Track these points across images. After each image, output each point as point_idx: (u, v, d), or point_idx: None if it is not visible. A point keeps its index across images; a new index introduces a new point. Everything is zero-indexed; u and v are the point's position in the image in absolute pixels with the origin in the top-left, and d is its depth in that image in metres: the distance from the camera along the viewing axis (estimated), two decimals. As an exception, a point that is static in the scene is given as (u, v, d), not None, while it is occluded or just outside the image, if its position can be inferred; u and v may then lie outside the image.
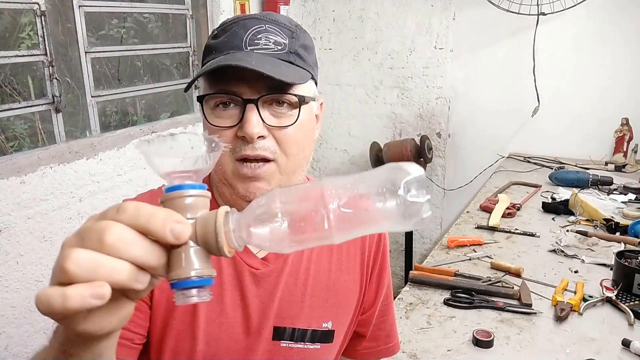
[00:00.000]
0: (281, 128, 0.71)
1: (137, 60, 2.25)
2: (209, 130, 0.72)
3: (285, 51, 0.71)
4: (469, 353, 1.07)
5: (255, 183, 0.71)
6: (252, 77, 0.68)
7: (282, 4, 2.68)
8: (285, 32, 0.73)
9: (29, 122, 1.80)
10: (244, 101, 0.69)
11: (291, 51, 0.72)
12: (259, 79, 0.68)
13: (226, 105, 0.71)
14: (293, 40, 0.73)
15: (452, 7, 2.78)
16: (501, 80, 2.74)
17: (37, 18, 1.72)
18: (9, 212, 1.58)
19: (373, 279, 0.89)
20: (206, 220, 0.43)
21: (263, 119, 0.70)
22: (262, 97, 0.70)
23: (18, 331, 1.63)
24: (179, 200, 0.43)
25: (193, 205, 0.43)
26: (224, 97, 0.71)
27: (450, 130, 2.95)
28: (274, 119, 0.71)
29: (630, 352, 1.04)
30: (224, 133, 0.71)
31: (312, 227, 0.43)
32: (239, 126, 0.70)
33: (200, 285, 0.42)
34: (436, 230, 3.13)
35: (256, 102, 0.69)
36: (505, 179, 2.29)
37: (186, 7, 2.45)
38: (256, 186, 0.71)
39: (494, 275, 1.38)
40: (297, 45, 0.73)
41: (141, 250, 0.39)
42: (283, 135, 0.72)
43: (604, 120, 2.52)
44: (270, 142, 0.71)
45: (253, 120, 0.68)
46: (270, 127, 0.71)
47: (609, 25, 2.47)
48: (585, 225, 1.74)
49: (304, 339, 0.80)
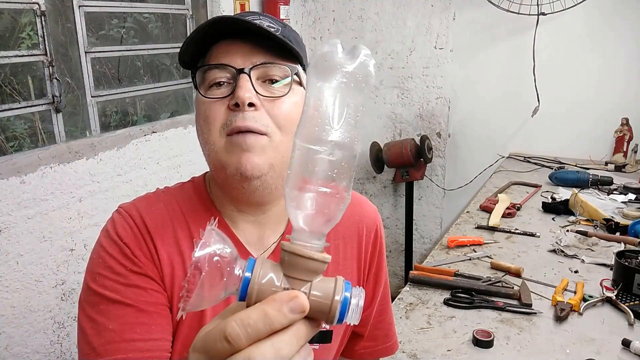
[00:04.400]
0: (273, 99, 0.71)
1: (137, 60, 2.25)
2: (202, 107, 0.73)
3: (279, 33, 0.72)
4: (469, 353, 1.07)
5: (246, 154, 0.69)
6: (245, 51, 0.71)
7: (282, 4, 2.68)
8: (278, 23, 0.75)
9: (29, 122, 1.80)
10: (237, 71, 0.70)
11: (284, 35, 0.73)
12: (251, 51, 0.70)
13: (220, 85, 0.72)
14: (285, 30, 0.75)
15: (452, 7, 2.78)
16: (501, 80, 2.75)
17: (37, 18, 1.72)
18: (9, 212, 1.58)
19: (370, 278, 0.89)
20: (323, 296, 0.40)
21: (255, 89, 0.70)
22: (255, 66, 0.71)
23: (18, 331, 1.63)
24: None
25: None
26: (218, 71, 0.72)
27: (450, 130, 2.95)
28: (266, 92, 0.71)
29: (630, 352, 1.04)
30: (215, 107, 0.71)
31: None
32: (231, 96, 0.70)
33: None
34: (436, 230, 3.13)
35: (249, 71, 0.70)
36: (505, 179, 2.29)
37: (186, 7, 2.45)
38: (247, 156, 0.69)
39: (494, 275, 1.38)
40: (290, 35, 0.75)
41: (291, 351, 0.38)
42: (276, 108, 0.71)
43: (604, 121, 2.52)
44: (263, 115, 0.70)
45: (245, 85, 0.69)
46: (263, 98, 0.71)
47: (609, 25, 2.47)
48: (585, 225, 1.74)
49: None
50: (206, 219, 0.75)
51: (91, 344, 0.68)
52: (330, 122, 0.40)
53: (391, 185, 3.18)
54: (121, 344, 0.68)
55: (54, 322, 1.75)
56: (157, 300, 0.72)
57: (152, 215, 0.75)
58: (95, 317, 0.70)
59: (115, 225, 0.74)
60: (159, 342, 0.70)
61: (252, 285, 0.39)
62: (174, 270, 0.73)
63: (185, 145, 2.26)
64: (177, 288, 0.73)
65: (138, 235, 0.73)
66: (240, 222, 0.79)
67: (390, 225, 3.24)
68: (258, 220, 0.79)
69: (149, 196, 0.80)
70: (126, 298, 0.70)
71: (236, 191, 0.74)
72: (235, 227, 0.78)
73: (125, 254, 0.72)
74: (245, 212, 0.78)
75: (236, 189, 0.74)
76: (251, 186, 0.72)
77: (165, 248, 0.74)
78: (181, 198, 0.79)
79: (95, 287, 0.71)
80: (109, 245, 0.73)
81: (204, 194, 0.80)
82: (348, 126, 0.41)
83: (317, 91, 0.41)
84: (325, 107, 0.41)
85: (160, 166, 2.14)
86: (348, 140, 0.41)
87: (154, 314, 0.71)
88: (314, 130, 0.40)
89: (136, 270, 0.71)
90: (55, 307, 1.75)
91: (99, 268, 0.72)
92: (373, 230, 0.88)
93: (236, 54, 0.71)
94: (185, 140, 2.27)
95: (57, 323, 1.76)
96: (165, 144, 2.17)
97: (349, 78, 0.41)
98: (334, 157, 0.40)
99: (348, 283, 0.41)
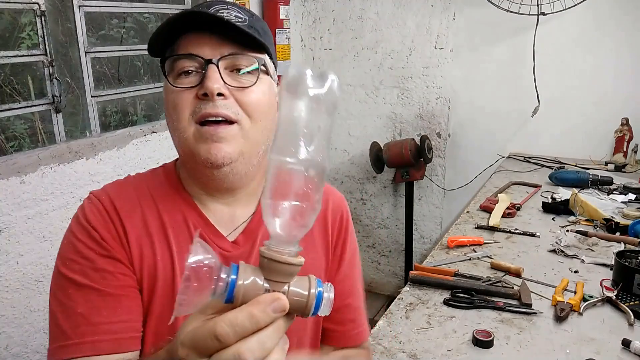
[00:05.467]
0: (241, 89, 0.73)
1: (137, 60, 2.25)
2: (171, 95, 0.75)
3: (246, 24, 0.74)
4: (469, 353, 1.07)
5: (216, 144, 0.72)
6: (213, 43, 0.72)
7: (282, 4, 2.68)
8: (246, 12, 0.77)
9: (29, 122, 1.80)
10: (205, 62, 0.72)
11: (252, 25, 0.75)
12: (219, 43, 0.72)
13: (188, 74, 0.73)
14: (252, 20, 0.77)
15: (452, 7, 2.78)
16: (501, 80, 2.74)
17: (37, 18, 1.73)
18: (9, 212, 1.58)
19: (337, 253, 0.90)
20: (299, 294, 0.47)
21: (224, 80, 0.72)
22: (224, 57, 0.73)
23: (18, 331, 1.63)
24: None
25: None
26: (186, 60, 0.73)
27: (450, 130, 2.95)
28: (234, 82, 0.74)
29: (630, 352, 1.04)
30: (184, 95, 0.73)
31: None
32: (200, 86, 0.72)
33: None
34: (436, 230, 3.13)
35: (217, 62, 0.72)
36: (505, 179, 2.29)
37: (186, 7, 2.45)
38: (217, 147, 0.72)
39: (494, 275, 1.38)
40: (257, 25, 0.77)
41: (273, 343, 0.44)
42: (245, 96, 0.74)
43: (604, 120, 2.52)
44: (232, 103, 0.73)
45: (214, 76, 0.71)
46: (231, 88, 0.73)
47: (609, 25, 2.47)
48: (585, 225, 1.74)
49: None
50: (175, 200, 0.81)
51: (60, 327, 0.72)
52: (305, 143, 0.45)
53: (391, 185, 3.18)
54: (89, 327, 0.71)
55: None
56: (125, 283, 0.74)
57: (122, 199, 0.78)
58: (64, 301, 0.73)
59: (85, 210, 0.77)
60: (127, 323, 0.73)
61: (238, 288, 0.45)
62: (143, 251, 0.76)
63: (185, 145, 2.26)
64: (146, 269, 0.76)
65: (107, 219, 0.76)
66: (211, 204, 0.82)
67: (390, 225, 3.24)
68: (228, 202, 0.82)
69: (119, 181, 0.83)
70: (94, 282, 0.72)
71: (206, 177, 0.77)
72: (206, 209, 0.81)
73: (94, 238, 0.74)
74: (215, 196, 0.81)
75: (206, 175, 0.77)
76: (221, 173, 0.75)
77: (135, 231, 0.76)
78: (152, 182, 0.82)
79: (65, 271, 0.74)
80: (78, 231, 0.75)
81: (174, 179, 0.83)
82: (321, 146, 0.46)
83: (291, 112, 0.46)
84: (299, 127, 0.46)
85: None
86: (320, 159, 0.46)
87: (121, 296, 0.73)
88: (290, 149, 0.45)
89: (104, 254, 0.74)
90: (55, 307, 1.75)
91: (68, 253, 0.75)
92: (338, 217, 0.91)
93: (205, 45, 0.73)
94: (185, 140, 2.27)
95: (57, 323, 1.76)
96: (165, 144, 2.17)
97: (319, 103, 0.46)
98: (309, 174, 0.46)
99: (319, 280, 0.48)
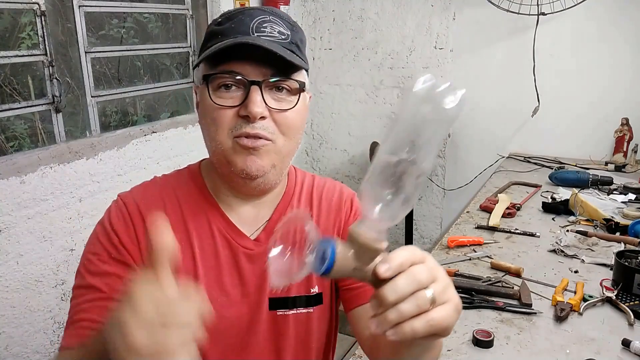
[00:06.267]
0: (282, 111, 0.76)
1: (137, 60, 2.25)
2: (211, 110, 0.76)
3: (288, 41, 0.76)
4: (469, 353, 1.07)
5: (252, 156, 0.75)
6: (257, 61, 0.73)
7: (282, 3, 2.68)
8: (287, 24, 0.78)
9: (29, 122, 1.80)
10: (249, 82, 0.73)
11: (293, 42, 0.77)
12: (263, 63, 0.73)
13: (228, 88, 0.75)
14: (293, 32, 0.78)
15: (452, 7, 2.78)
16: (501, 80, 2.74)
17: (37, 18, 1.73)
18: (9, 212, 1.58)
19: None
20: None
21: (265, 101, 0.74)
22: (267, 80, 0.74)
23: (18, 331, 1.63)
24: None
25: None
26: (229, 77, 0.74)
27: (450, 130, 2.94)
28: (275, 102, 0.76)
29: (630, 352, 1.04)
30: (225, 112, 0.75)
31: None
32: (242, 106, 0.74)
33: None
34: (436, 230, 3.13)
35: (261, 84, 0.74)
36: (505, 179, 2.29)
37: (186, 7, 2.45)
38: (253, 159, 0.76)
39: (494, 275, 1.38)
40: (297, 38, 0.78)
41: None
42: (282, 118, 0.77)
43: (604, 120, 2.52)
44: (270, 124, 0.76)
45: (257, 100, 0.73)
46: (272, 110, 0.75)
47: (609, 25, 2.47)
48: (585, 225, 1.73)
49: (296, 305, 0.85)
50: (199, 202, 0.84)
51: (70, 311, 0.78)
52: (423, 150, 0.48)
53: (391, 185, 3.18)
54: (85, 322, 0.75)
55: (54, 322, 1.75)
56: None
57: (146, 200, 0.81)
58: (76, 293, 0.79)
59: (110, 214, 0.81)
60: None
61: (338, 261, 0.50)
62: None
63: (185, 145, 2.26)
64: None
65: (129, 222, 0.79)
66: (236, 205, 0.85)
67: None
68: (254, 204, 0.86)
69: (146, 183, 0.86)
70: (101, 285, 0.76)
71: (238, 185, 0.81)
72: (231, 210, 0.85)
73: (112, 242, 0.78)
74: (242, 199, 0.85)
75: (238, 183, 0.80)
76: (254, 183, 0.79)
77: None
78: (176, 183, 0.86)
79: (82, 269, 0.79)
80: (100, 232, 0.81)
81: (199, 180, 0.86)
82: (430, 153, 0.48)
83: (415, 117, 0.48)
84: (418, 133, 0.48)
85: (160, 166, 2.14)
86: (425, 164, 0.49)
87: None
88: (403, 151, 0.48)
89: (119, 258, 0.77)
90: (55, 307, 1.75)
91: (88, 253, 0.80)
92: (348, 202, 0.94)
93: (247, 64, 0.74)
94: (185, 140, 2.27)
95: (57, 323, 1.76)
96: (165, 144, 2.17)
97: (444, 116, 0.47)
98: (418, 179, 0.49)
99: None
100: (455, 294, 0.53)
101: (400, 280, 0.49)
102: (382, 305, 0.49)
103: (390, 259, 0.50)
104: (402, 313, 0.48)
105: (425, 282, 0.49)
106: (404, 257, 0.50)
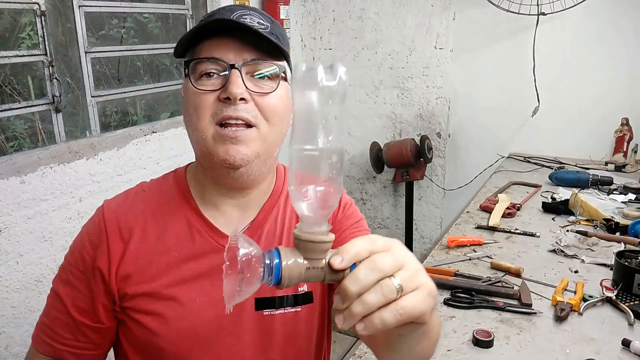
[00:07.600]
0: (262, 94, 0.77)
1: (137, 60, 2.25)
2: (193, 97, 0.78)
3: (267, 30, 0.77)
4: (469, 353, 1.07)
5: (235, 146, 0.75)
6: (237, 46, 0.76)
7: (282, 4, 2.68)
8: (267, 19, 0.80)
9: (29, 122, 1.80)
10: (229, 66, 0.75)
11: (272, 32, 0.78)
12: (243, 47, 0.76)
13: (210, 76, 0.77)
14: (273, 26, 0.80)
15: (452, 7, 2.78)
16: (501, 80, 2.74)
17: (37, 18, 1.73)
18: (9, 212, 1.58)
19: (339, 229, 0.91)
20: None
21: (246, 85, 0.75)
22: (247, 63, 0.76)
23: (18, 331, 1.63)
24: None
25: None
26: (210, 63, 0.76)
27: (450, 130, 2.95)
28: (256, 87, 0.77)
29: (630, 352, 1.04)
30: (206, 97, 0.76)
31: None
32: (223, 89, 0.75)
33: None
34: (436, 230, 3.13)
35: (240, 67, 0.75)
36: (505, 179, 2.29)
37: (186, 7, 2.45)
38: (236, 149, 0.75)
39: (494, 275, 1.38)
40: (277, 32, 0.80)
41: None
42: (264, 102, 0.77)
43: (604, 120, 2.52)
44: (252, 107, 0.76)
45: (238, 81, 0.74)
46: (252, 93, 0.76)
47: (609, 25, 2.47)
48: (585, 225, 1.74)
49: (283, 304, 0.84)
50: (181, 206, 0.85)
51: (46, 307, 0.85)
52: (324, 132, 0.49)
53: (391, 185, 3.18)
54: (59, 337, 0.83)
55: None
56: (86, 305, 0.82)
57: (126, 215, 0.83)
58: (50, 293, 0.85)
59: (89, 223, 0.85)
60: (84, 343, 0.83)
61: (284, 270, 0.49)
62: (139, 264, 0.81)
63: (185, 145, 2.24)
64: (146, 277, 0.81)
65: (104, 236, 0.82)
66: (222, 205, 0.85)
67: (390, 225, 3.25)
68: (239, 204, 0.86)
69: (131, 194, 0.88)
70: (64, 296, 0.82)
71: (221, 176, 0.81)
72: (215, 209, 0.85)
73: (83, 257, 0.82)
74: (227, 196, 0.85)
75: (221, 174, 0.80)
76: (237, 173, 0.78)
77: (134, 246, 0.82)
78: (160, 191, 0.87)
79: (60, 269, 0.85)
80: (79, 241, 0.84)
81: (183, 183, 0.87)
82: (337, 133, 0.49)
83: (307, 104, 0.49)
84: (316, 118, 0.49)
85: (160, 166, 2.14)
86: (339, 145, 0.49)
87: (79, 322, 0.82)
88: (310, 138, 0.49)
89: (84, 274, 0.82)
90: (55, 307, 1.75)
91: (66, 256, 0.85)
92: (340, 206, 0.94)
93: (228, 49, 0.76)
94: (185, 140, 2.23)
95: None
96: (165, 144, 2.17)
97: (333, 94, 0.49)
98: (331, 160, 0.49)
99: None
100: (428, 279, 0.50)
101: (361, 269, 0.47)
102: (346, 299, 0.46)
103: (343, 250, 0.48)
104: (368, 304, 0.46)
105: (389, 270, 0.47)
106: (359, 246, 0.48)
